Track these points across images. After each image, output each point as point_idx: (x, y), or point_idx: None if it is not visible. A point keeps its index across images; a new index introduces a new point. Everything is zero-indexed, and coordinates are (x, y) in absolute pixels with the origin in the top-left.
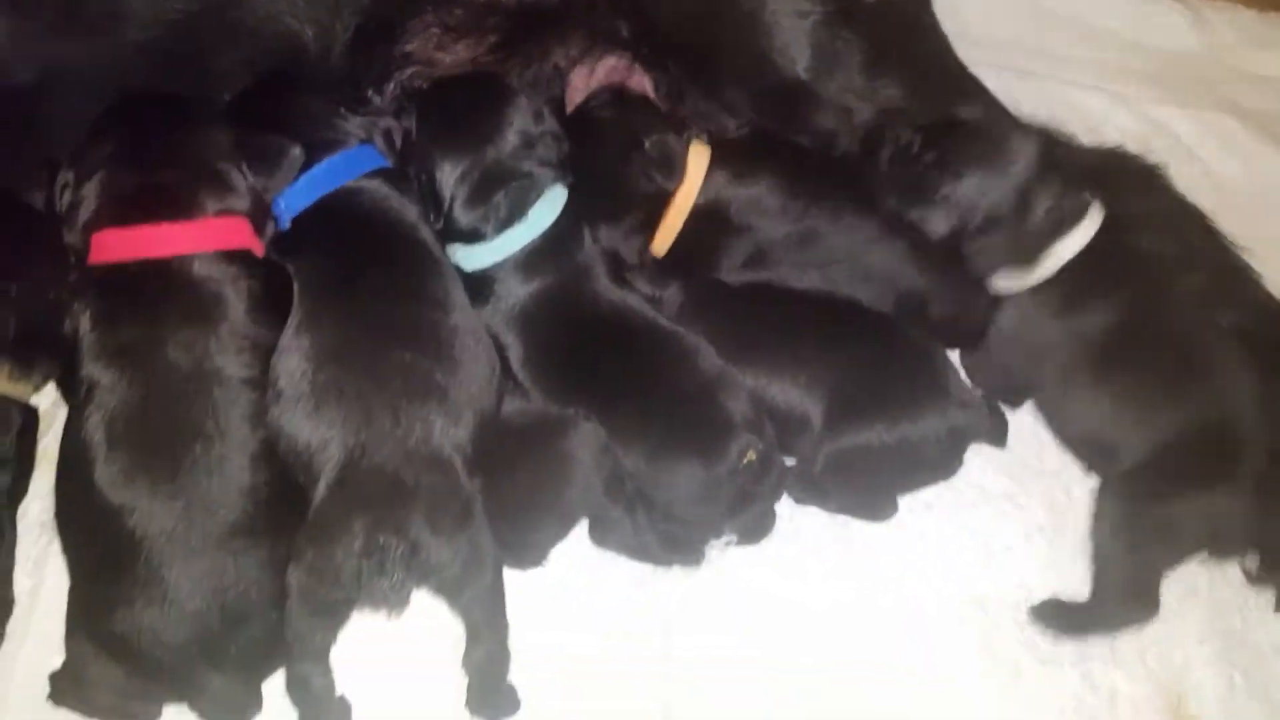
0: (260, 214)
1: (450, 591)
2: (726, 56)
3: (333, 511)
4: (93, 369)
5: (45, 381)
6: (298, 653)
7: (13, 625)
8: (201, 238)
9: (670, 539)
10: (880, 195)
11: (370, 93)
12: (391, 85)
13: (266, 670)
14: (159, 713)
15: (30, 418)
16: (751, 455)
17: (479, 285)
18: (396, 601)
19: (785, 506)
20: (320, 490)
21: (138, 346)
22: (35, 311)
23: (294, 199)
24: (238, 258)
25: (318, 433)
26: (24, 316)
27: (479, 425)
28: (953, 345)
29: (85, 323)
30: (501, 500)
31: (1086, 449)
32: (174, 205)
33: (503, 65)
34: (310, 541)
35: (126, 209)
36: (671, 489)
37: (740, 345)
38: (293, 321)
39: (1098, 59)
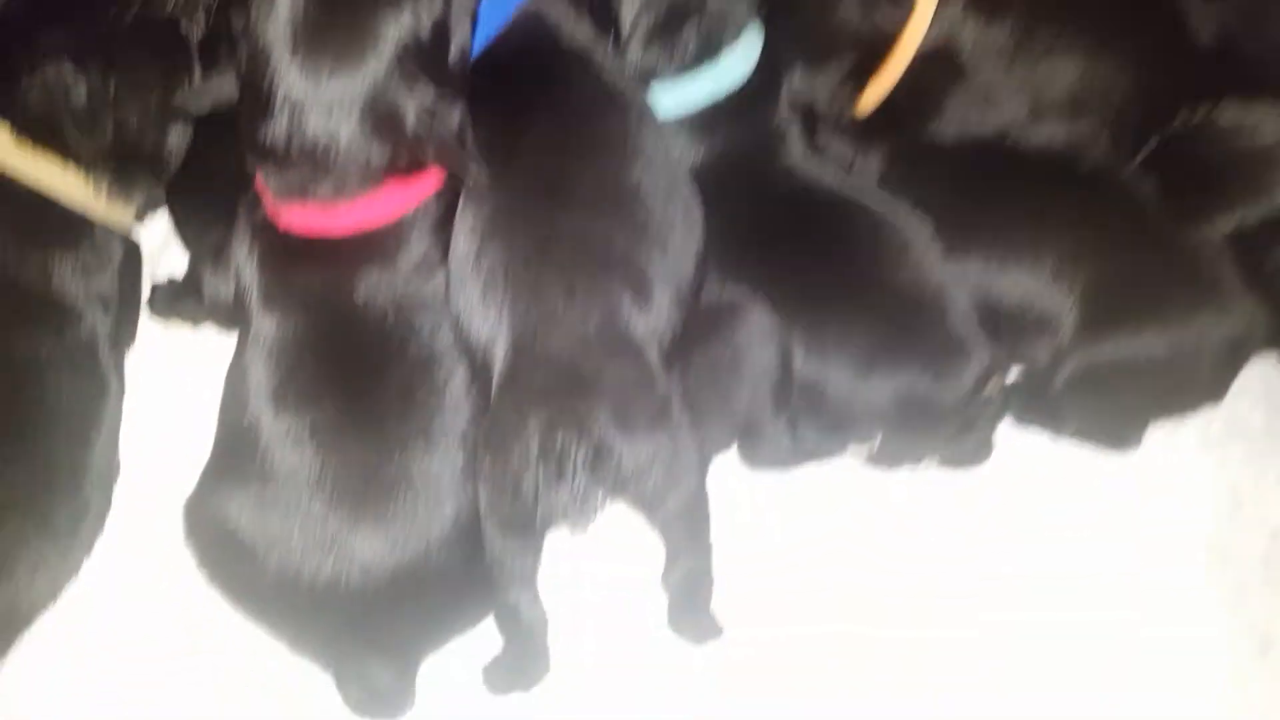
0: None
1: (647, 503)
2: None
3: (505, 412)
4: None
5: (146, 212)
6: (500, 579)
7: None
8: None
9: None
10: None
11: None
12: None
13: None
14: None
15: (132, 253)
16: (995, 385)
17: None
18: (582, 513)
19: None
20: (494, 389)
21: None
22: (135, 121)
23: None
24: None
25: (487, 321)
26: (122, 122)
27: (677, 304)
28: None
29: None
30: None
31: None
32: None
33: None
34: (486, 448)
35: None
36: (880, 412)
37: (962, 223)
38: (463, 195)
39: None
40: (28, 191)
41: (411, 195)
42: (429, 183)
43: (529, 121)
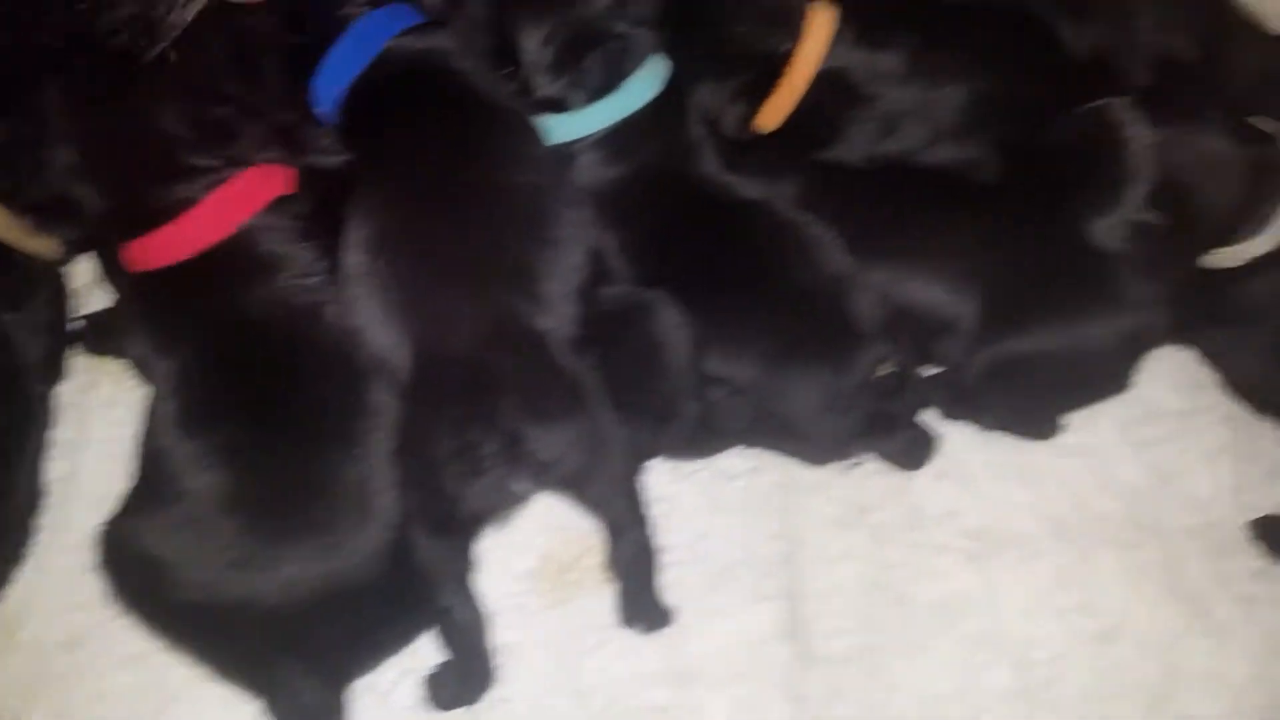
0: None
1: (574, 487)
2: None
3: (416, 415)
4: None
5: (67, 246)
6: (432, 582)
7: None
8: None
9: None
10: None
11: None
12: None
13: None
14: None
15: (59, 286)
16: (886, 368)
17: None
18: (505, 504)
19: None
20: (403, 395)
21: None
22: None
23: (328, 84)
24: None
25: (389, 332)
26: (43, 165)
27: (572, 298)
28: None
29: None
30: None
31: None
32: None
33: None
34: (402, 452)
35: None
36: (790, 402)
37: (873, 236)
38: (352, 213)
39: None
40: None
41: (235, 208)
42: (255, 195)
43: (408, 139)
